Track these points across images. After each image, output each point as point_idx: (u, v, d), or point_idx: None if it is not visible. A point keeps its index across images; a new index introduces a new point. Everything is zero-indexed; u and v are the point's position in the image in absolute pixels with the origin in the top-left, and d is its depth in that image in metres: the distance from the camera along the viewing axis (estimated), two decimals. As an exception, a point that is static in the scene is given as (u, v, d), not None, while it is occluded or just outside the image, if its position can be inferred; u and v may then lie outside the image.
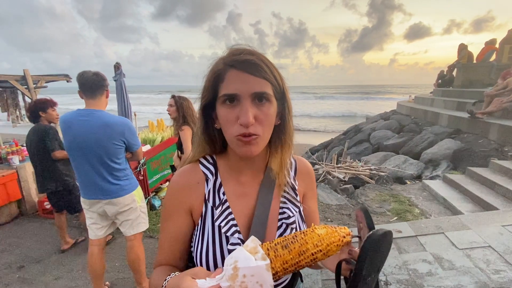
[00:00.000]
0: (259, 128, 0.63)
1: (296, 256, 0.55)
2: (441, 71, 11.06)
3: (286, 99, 0.70)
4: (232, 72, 0.62)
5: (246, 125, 0.61)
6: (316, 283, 2.26)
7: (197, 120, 0.74)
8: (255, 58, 0.63)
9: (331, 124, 20.78)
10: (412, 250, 2.61)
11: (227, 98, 0.62)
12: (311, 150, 9.44)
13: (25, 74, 4.63)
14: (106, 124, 1.92)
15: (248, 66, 0.62)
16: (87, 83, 1.93)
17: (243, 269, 0.49)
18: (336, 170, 5.79)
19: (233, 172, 0.75)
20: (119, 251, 3.06)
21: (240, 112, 0.61)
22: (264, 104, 0.63)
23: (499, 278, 2.14)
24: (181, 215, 0.73)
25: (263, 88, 0.62)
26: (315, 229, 0.58)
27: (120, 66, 5.26)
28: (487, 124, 5.39)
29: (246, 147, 0.63)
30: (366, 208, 0.62)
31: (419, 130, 7.13)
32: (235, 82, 0.62)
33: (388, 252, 0.59)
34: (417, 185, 4.77)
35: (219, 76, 0.64)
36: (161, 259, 0.75)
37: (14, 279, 2.71)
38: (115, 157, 2.00)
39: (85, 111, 1.95)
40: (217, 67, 0.65)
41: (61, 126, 1.96)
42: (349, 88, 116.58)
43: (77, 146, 1.93)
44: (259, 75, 0.62)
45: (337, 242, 0.57)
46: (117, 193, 2.04)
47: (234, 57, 0.63)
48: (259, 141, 0.64)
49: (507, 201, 3.53)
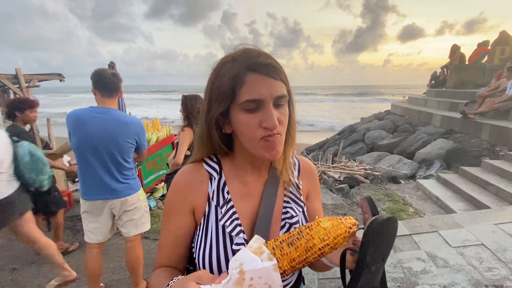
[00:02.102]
0: (280, 129, 0.63)
1: (303, 253, 0.54)
2: (434, 72, 11.22)
3: (291, 97, 0.70)
4: (253, 76, 0.60)
5: (274, 128, 0.61)
6: (312, 282, 2.27)
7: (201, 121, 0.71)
8: (273, 61, 0.63)
9: (327, 124, 20.90)
10: (406, 249, 2.64)
11: (250, 104, 0.61)
12: (307, 150, 9.48)
13: (17, 73, 4.55)
14: (123, 122, 1.93)
15: (270, 70, 0.61)
16: (106, 82, 1.92)
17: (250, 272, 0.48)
18: (332, 169, 5.82)
19: (238, 172, 0.74)
20: (114, 252, 3.03)
21: (264, 116, 0.61)
22: (283, 106, 0.64)
23: (492, 276, 2.18)
24: (184, 214, 0.72)
25: (283, 91, 0.63)
26: (320, 223, 0.57)
27: (114, 65, 5.20)
28: (479, 124, 5.48)
29: (273, 150, 0.63)
30: (370, 197, 0.60)
31: (413, 130, 7.21)
32: (259, 87, 0.60)
33: (394, 240, 0.58)
34: (411, 185, 4.82)
35: (237, 79, 0.61)
36: (161, 260, 0.73)
37: (7, 281, 2.66)
38: (127, 155, 1.99)
39: (100, 109, 1.92)
40: (233, 71, 0.61)
41: (72, 123, 1.89)
42: (344, 88, 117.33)
43: (89, 143, 1.88)
44: (278, 78, 0.62)
45: (344, 234, 0.55)
46: (126, 192, 2.03)
47: (253, 60, 0.61)
48: (281, 140, 0.65)
49: (499, 200, 3.59)
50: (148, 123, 6.18)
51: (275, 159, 0.66)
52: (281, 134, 0.64)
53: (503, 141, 4.87)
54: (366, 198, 0.61)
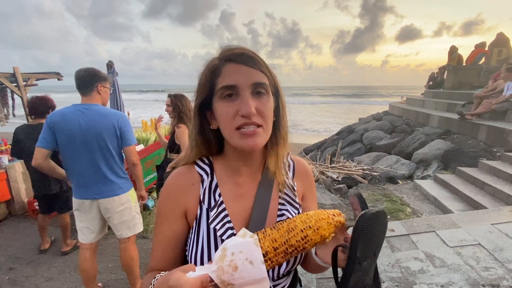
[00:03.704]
0: (260, 119, 0.62)
1: (284, 234, 0.53)
2: (432, 73, 11.27)
3: (280, 96, 0.70)
4: (229, 65, 0.63)
5: (249, 115, 0.60)
6: (311, 282, 2.27)
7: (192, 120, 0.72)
8: (249, 52, 0.64)
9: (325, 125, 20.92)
10: (404, 248, 2.65)
11: (226, 91, 0.62)
12: (305, 150, 9.50)
13: (15, 71, 4.53)
14: (103, 114, 1.94)
15: (246, 59, 0.62)
16: (78, 81, 1.97)
17: (231, 248, 0.48)
18: (330, 170, 5.84)
19: (230, 173, 0.73)
20: (112, 252, 3.02)
21: (240, 103, 0.61)
22: (263, 96, 0.63)
23: (489, 275, 2.19)
24: (176, 218, 0.70)
25: (262, 79, 0.63)
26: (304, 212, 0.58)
27: (113, 64, 5.18)
28: (476, 125, 5.51)
29: (251, 139, 0.62)
30: (360, 193, 0.60)
31: (411, 131, 7.24)
32: (234, 74, 0.62)
33: (384, 235, 0.57)
34: (409, 185, 4.84)
35: (215, 71, 0.64)
36: (154, 265, 0.71)
37: (4, 281, 2.65)
38: (113, 148, 1.98)
39: (81, 105, 1.95)
40: (213, 63, 0.65)
41: (56, 122, 1.89)
42: (342, 89, 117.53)
43: (75, 139, 1.89)
44: (257, 67, 0.63)
45: (327, 219, 0.56)
46: (114, 192, 2.01)
47: (229, 52, 0.64)
48: (262, 133, 0.63)
49: (495, 200, 3.61)
50: (147, 122, 6.18)
51: (253, 150, 0.65)
52: (262, 127, 0.63)
53: (499, 142, 4.90)
54: (356, 194, 0.60)
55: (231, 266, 0.46)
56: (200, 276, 0.47)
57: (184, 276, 0.47)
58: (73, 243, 3.12)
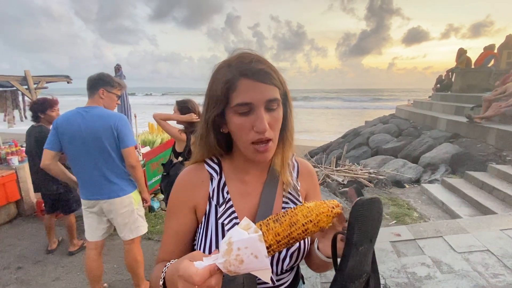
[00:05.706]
0: (271, 133, 0.66)
1: (287, 228, 0.56)
2: (440, 76, 11.15)
3: (288, 99, 0.73)
4: (245, 81, 0.64)
5: (263, 132, 0.64)
6: (315, 286, 2.25)
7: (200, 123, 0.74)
8: (265, 67, 0.65)
9: (330, 128, 20.79)
10: (411, 254, 2.62)
11: (241, 108, 0.64)
12: (310, 153, 9.45)
13: (26, 75, 4.64)
14: (100, 116, 1.98)
15: (261, 76, 0.64)
16: (87, 84, 2.04)
17: (237, 243, 0.51)
18: (335, 173, 5.79)
19: (238, 172, 0.77)
20: (118, 253, 3.05)
21: (255, 120, 0.64)
22: (275, 109, 0.66)
23: (498, 282, 2.15)
24: (186, 213, 0.75)
25: (274, 95, 0.65)
26: (304, 204, 0.60)
27: (120, 67, 5.27)
28: (485, 128, 5.42)
29: (263, 154, 0.67)
30: (358, 186, 0.62)
31: (418, 134, 7.15)
32: (249, 91, 0.63)
33: (380, 222, 0.61)
34: (416, 189, 4.78)
35: (230, 85, 0.65)
36: (163, 256, 0.76)
37: (12, 280, 2.70)
38: (113, 150, 2.00)
39: (83, 108, 2.01)
40: (227, 77, 0.65)
41: (60, 124, 1.95)
42: (348, 92, 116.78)
43: (76, 141, 1.94)
44: (270, 83, 0.65)
45: (327, 213, 0.58)
46: (115, 193, 2.04)
47: (245, 66, 0.64)
48: (272, 146, 0.68)
49: (505, 205, 3.54)
50: (153, 125, 6.24)
51: (264, 162, 0.72)
52: (272, 140, 0.67)
53: (509, 146, 4.81)
54: (354, 187, 0.64)
55: (238, 260, 0.51)
56: (208, 266, 0.51)
57: (193, 266, 0.51)
58: (80, 243, 3.17)
